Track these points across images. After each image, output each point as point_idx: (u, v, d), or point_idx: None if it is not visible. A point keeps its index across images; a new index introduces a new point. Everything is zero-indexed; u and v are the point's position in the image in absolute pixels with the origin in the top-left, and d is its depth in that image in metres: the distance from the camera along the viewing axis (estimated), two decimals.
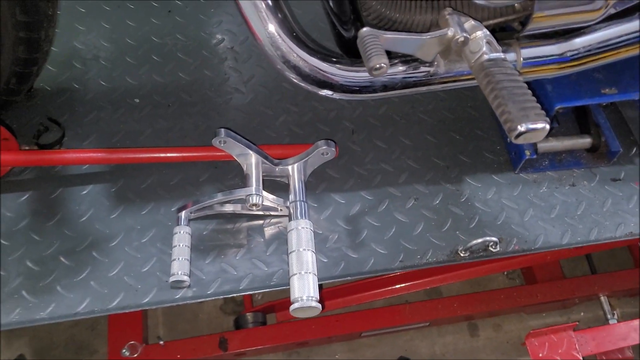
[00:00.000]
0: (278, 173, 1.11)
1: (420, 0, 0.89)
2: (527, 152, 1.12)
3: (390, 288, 1.54)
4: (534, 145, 1.15)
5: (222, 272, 1.03)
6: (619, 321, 1.47)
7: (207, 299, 1.00)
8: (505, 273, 1.82)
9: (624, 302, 1.76)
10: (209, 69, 1.30)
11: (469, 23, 0.81)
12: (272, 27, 0.85)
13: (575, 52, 0.92)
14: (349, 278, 1.05)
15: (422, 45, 0.82)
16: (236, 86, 1.28)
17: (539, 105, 0.74)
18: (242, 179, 1.11)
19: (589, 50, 0.92)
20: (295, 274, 0.95)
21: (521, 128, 0.72)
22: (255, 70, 1.31)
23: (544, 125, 0.72)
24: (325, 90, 0.93)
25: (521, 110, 0.72)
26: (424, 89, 0.95)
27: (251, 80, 1.29)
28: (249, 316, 1.48)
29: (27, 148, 1.10)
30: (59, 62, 1.27)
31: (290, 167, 1.09)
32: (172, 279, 0.97)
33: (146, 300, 0.98)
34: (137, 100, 1.23)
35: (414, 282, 1.54)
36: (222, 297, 1.01)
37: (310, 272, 0.95)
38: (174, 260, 0.99)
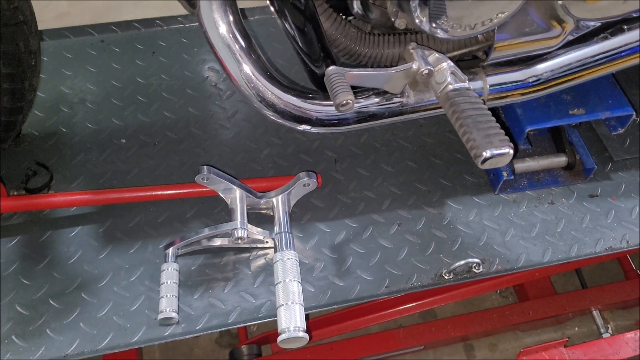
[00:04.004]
0: (262, 205, 1.13)
1: (387, 36, 0.92)
2: (505, 173, 1.15)
3: (384, 313, 1.55)
4: (511, 166, 1.17)
5: (210, 307, 1.04)
6: (612, 334, 1.48)
7: (196, 335, 1.01)
8: (498, 291, 1.83)
9: (617, 315, 1.76)
10: (193, 106, 1.34)
11: (433, 56, 0.85)
12: (247, 68, 0.89)
13: (538, 77, 0.96)
14: (335, 306, 1.06)
15: (388, 80, 0.85)
16: (221, 122, 1.31)
17: (502, 131, 0.77)
18: (228, 213, 1.13)
19: (551, 75, 0.96)
20: (282, 305, 0.96)
21: (486, 154, 0.75)
22: (239, 106, 1.34)
23: (508, 151, 0.75)
24: (303, 126, 0.96)
25: (485, 137, 0.75)
26: (398, 118, 0.98)
27: (235, 116, 1.33)
28: (244, 349, 1.48)
29: (15, 193, 1.12)
30: (47, 107, 1.31)
31: (274, 200, 1.12)
32: (160, 316, 0.99)
33: (135, 339, 0.99)
34: (124, 141, 1.26)
35: (408, 305, 1.55)
36: (211, 332, 1.02)
37: (296, 303, 0.97)
38: (162, 297, 1.01)
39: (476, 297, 1.75)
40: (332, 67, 0.79)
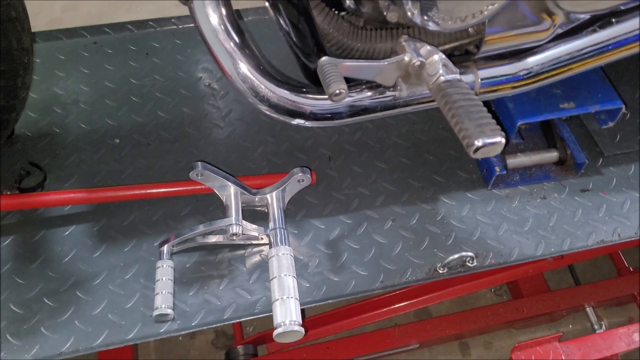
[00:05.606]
0: (257, 202, 1.13)
1: (380, 30, 0.93)
2: (497, 169, 1.16)
3: (379, 311, 1.55)
4: (504, 161, 1.18)
5: (205, 303, 1.04)
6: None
7: (192, 331, 1.01)
8: (493, 289, 1.83)
9: (611, 312, 1.77)
10: (187, 106, 1.34)
11: (425, 48, 0.86)
12: (241, 64, 0.89)
13: (529, 70, 0.97)
14: (330, 301, 1.06)
15: (381, 71, 0.86)
16: (215, 121, 1.32)
17: (494, 121, 0.78)
18: (222, 211, 1.13)
19: (541, 68, 0.97)
20: (278, 300, 0.96)
21: (478, 143, 0.76)
22: (233, 105, 1.35)
23: (499, 139, 0.76)
24: (297, 120, 0.97)
25: (477, 126, 0.76)
26: (391, 112, 0.99)
27: (229, 115, 1.33)
28: (240, 349, 1.47)
29: (8, 193, 1.12)
30: (40, 108, 1.31)
31: (268, 196, 1.12)
32: (155, 312, 0.99)
33: (130, 335, 0.99)
34: (118, 141, 1.27)
35: (403, 304, 1.55)
36: (206, 327, 1.02)
37: (292, 297, 0.97)
38: (157, 294, 1.00)
39: (471, 295, 1.76)
40: (325, 58, 0.80)
